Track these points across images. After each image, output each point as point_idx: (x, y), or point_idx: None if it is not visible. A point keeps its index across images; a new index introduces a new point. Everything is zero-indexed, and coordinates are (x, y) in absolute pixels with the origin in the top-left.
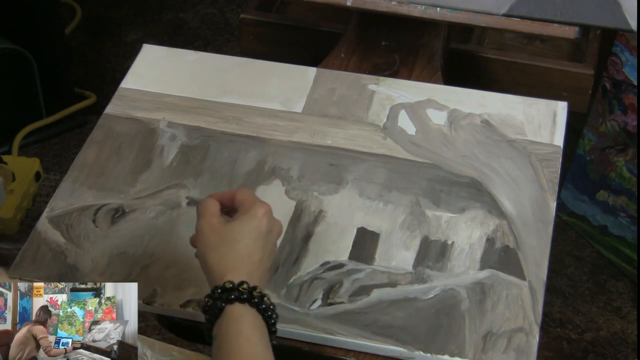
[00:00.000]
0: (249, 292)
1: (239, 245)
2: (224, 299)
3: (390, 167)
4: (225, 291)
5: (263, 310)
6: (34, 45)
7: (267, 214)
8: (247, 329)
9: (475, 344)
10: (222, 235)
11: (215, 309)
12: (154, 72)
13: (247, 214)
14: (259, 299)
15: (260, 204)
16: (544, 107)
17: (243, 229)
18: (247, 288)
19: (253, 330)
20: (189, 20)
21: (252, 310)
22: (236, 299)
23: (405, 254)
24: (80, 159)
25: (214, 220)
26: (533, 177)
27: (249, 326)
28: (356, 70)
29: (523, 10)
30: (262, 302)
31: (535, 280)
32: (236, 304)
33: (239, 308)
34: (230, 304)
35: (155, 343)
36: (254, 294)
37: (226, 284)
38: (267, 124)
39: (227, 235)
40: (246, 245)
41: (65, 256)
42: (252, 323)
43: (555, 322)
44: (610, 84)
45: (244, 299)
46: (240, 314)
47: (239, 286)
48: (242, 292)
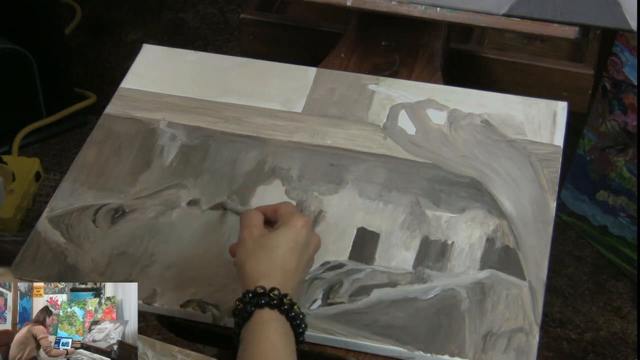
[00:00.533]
0: (280, 298)
1: (275, 254)
2: (254, 303)
3: (390, 167)
4: (256, 296)
5: (292, 318)
6: (34, 45)
7: (306, 226)
8: (274, 334)
9: (475, 344)
10: (260, 244)
11: (244, 312)
12: (154, 72)
13: (286, 225)
14: (289, 306)
15: (299, 216)
16: (544, 107)
17: (280, 239)
18: (278, 294)
19: (279, 337)
20: (189, 20)
21: (281, 317)
22: (266, 304)
23: (405, 254)
24: (80, 159)
25: (256, 231)
26: (533, 177)
27: (276, 332)
28: (356, 70)
29: (523, 10)
30: (291, 309)
31: (535, 280)
32: (266, 309)
33: (268, 313)
34: (260, 309)
35: (156, 343)
36: (285, 301)
37: (257, 288)
38: (267, 124)
39: (265, 243)
40: (282, 254)
41: (65, 256)
42: (279, 329)
43: (555, 322)
44: (610, 84)
45: (273, 305)
46: (269, 318)
47: (270, 292)
48: (272, 297)
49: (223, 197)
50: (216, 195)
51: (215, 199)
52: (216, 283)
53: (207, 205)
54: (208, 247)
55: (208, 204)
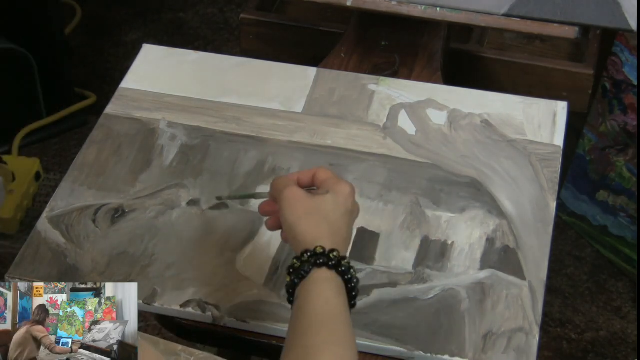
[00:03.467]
0: (338, 260)
1: (330, 219)
2: (313, 262)
3: (390, 167)
4: (315, 255)
5: (348, 280)
6: (34, 45)
7: (353, 194)
8: (330, 292)
9: (475, 344)
10: (312, 206)
11: (302, 270)
12: (154, 72)
13: (335, 191)
14: (346, 268)
15: (346, 183)
16: (544, 107)
17: (331, 204)
18: (337, 256)
19: (335, 294)
20: (189, 20)
21: (337, 278)
22: (324, 263)
23: (405, 254)
24: (80, 159)
25: (298, 191)
26: (533, 177)
27: (332, 290)
28: (356, 70)
29: (523, 10)
30: (348, 272)
31: (535, 280)
32: (323, 269)
33: (325, 273)
34: (318, 268)
35: (160, 342)
36: (343, 263)
37: (317, 248)
38: (267, 124)
39: (318, 206)
40: (336, 219)
41: (65, 256)
42: (335, 289)
43: (555, 322)
44: (610, 84)
45: (332, 265)
46: (326, 278)
47: (329, 253)
48: (331, 258)
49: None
50: (216, 195)
51: (215, 199)
52: (216, 283)
53: (207, 205)
54: (208, 247)
55: (208, 204)
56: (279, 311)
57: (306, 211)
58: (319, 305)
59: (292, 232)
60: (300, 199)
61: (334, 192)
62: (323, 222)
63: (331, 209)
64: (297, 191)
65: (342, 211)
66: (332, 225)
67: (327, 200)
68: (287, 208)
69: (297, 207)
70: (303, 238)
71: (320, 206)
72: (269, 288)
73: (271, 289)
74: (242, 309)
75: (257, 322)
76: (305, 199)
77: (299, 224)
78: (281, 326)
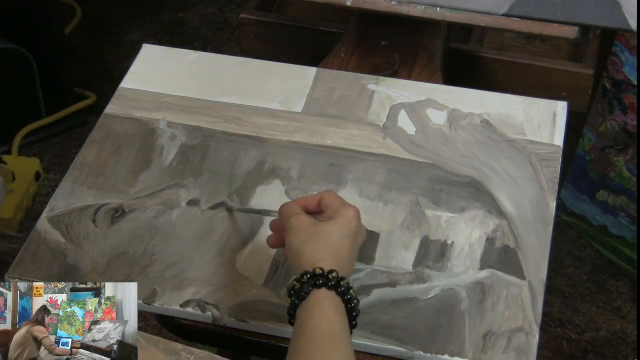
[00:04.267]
0: (337, 281)
1: (331, 241)
2: (312, 283)
3: (390, 167)
4: (315, 277)
5: (348, 300)
6: (34, 45)
7: (357, 216)
8: (330, 311)
9: (475, 344)
10: (315, 231)
11: (302, 292)
12: (154, 72)
13: (339, 215)
14: (346, 289)
15: (350, 206)
16: (544, 107)
17: (335, 227)
18: (336, 277)
19: (336, 314)
20: (189, 20)
21: (337, 299)
22: (324, 284)
23: (405, 254)
24: (80, 159)
25: (304, 218)
26: (533, 177)
27: (333, 310)
28: (356, 70)
29: (523, 10)
30: (348, 292)
31: (535, 280)
32: (323, 290)
33: (325, 293)
34: (317, 289)
35: (160, 341)
36: (342, 283)
37: (316, 270)
38: (267, 124)
39: (320, 231)
40: (337, 241)
41: (65, 256)
42: (335, 308)
43: (555, 322)
44: (610, 84)
45: (331, 286)
46: (326, 298)
47: (328, 274)
48: (330, 279)
49: (223, 197)
50: (216, 195)
51: (215, 199)
52: (216, 283)
53: (207, 205)
54: (208, 247)
55: (208, 204)
56: (279, 311)
57: (309, 237)
58: (319, 324)
59: (295, 256)
60: (305, 227)
61: (338, 215)
62: (324, 246)
63: (333, 232)
64: (302, 219)
65: (345, 233)
66: (333, 248)
67: (330, 224)
68: (292, 236)
69: (301, 235)
70: (304, 261)
71: (324, 231)
72: (269, 288)
73: (271, 289)
74: (242, 309)
75: (257, 322)
76: (310, 226)
77: (302, 249)
78: (281, 326)
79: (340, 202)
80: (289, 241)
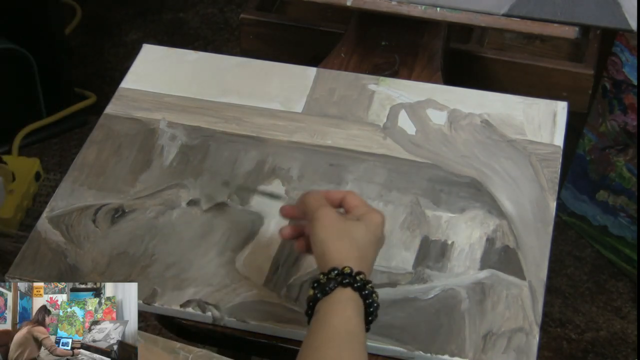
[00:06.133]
0: (364, 283)
1: (360, 244)
2: (339, 281)
3: (390, 167)
4: (342, 275)
5: (369, 304)
6: (34, 45)
7: (383, 224)
8: (351, 312)
9: (475, 344)
10: (345, 230)
11: (327, 286)
12: (154, 72)
13: (367, 219)
14: (370, 292)
15: (378, 212)
16: (544, 107)
17: (363, 231)
18: (362, 279)
19: (356, 315)
20: (189, 20)
21: (359, 301)
22: (350, 284)
23: (405, 254)
24: (80, 159)
25: (333, 212)
26: (533, 177)
27: (354, 311)
28: (356, 70)
29: (523, 10)
30: (370, 296)
31: (535, 280)
32: (348, 289)
33: (349, 293)
34: (343, 287)
35: (158, 339)
36: (367, 286)
37: (345, 268)
38: (267, 124)
39: (350, 231)
40: (365, 246)
41: (65, 256)
42: (357, 310)
43: (555, 322)
44: (610, 84)
45: (356, 287)
46: (350, 297)
47: (356, 274)
48: (357, 280)
49: (223, 197)
50: (216, 195)
51: (215, 199)
52: (216, 283)
53: (207, 205)
54: (208, 247)
55: (208, 204)
56: (279, 311)
57: (338, 233)
58: (338, 323)
59: (322, 249)
60: (334, 221)
61: (367, 220)
62: (353, 246)
63: (362, 235)
64: (331, 212)
65: (372, 239)
66: (361, 250)
67: (360, 227)
68: (320, 227)
69: (330, 228)
70: (332, 257)
71: (352, 231)
72: (269, 288)
73: (271, 289)
74: (242, 309)
75: (257, 322)
76: (339, 222)
77: (330, 244)
78: (281, 326)
79: (367, 206)
80: (316, 232)
